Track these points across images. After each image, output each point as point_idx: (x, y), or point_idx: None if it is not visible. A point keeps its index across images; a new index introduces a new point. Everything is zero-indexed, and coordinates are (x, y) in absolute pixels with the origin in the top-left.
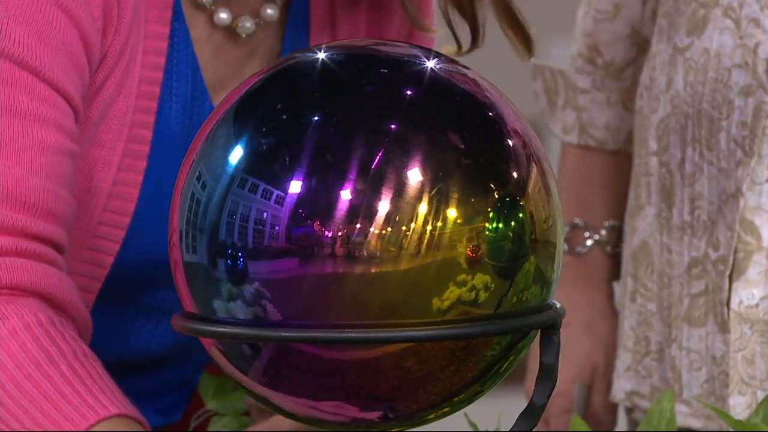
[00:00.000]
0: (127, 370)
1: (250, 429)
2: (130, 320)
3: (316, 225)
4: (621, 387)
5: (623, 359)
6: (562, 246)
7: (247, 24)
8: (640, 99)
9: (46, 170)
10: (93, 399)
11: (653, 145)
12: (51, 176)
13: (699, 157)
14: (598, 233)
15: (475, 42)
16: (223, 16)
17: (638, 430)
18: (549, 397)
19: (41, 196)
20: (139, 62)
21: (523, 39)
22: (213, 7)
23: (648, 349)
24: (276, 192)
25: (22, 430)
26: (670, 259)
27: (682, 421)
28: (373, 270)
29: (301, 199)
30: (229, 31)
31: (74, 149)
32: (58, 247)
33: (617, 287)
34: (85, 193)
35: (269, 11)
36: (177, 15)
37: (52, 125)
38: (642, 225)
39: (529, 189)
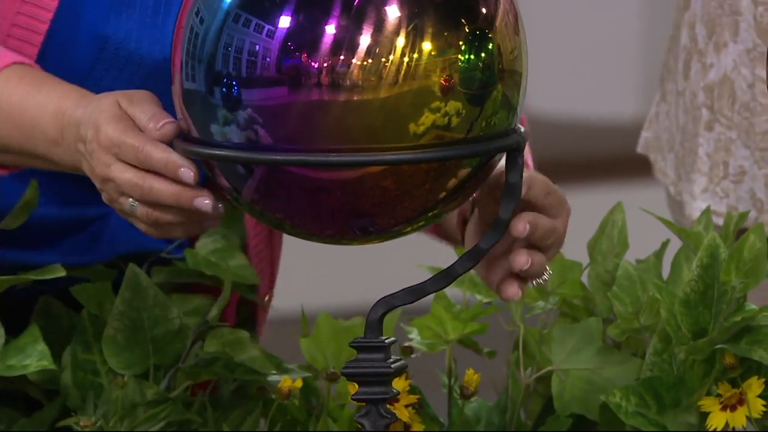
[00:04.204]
0: None
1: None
2: None
3: (304, 57)
4: (698, 207)
5: (699, 182)
6: (527, 75)
7: None
8: None
9: None
10: None
11: None
12: None
13: None
14: None
15: None
16: None
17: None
18: (513, 212)
19: None
20: None
21: None
22: None
23: (726, 173)
24: (267, 26)
25: None
26: (764, 89)
27: None
28: (355, 98)
29: (289, 33)
30: None
31: None
32: None
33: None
34: None
35: None
36: None
37: None
38: (724, 60)
39: (497, 23)
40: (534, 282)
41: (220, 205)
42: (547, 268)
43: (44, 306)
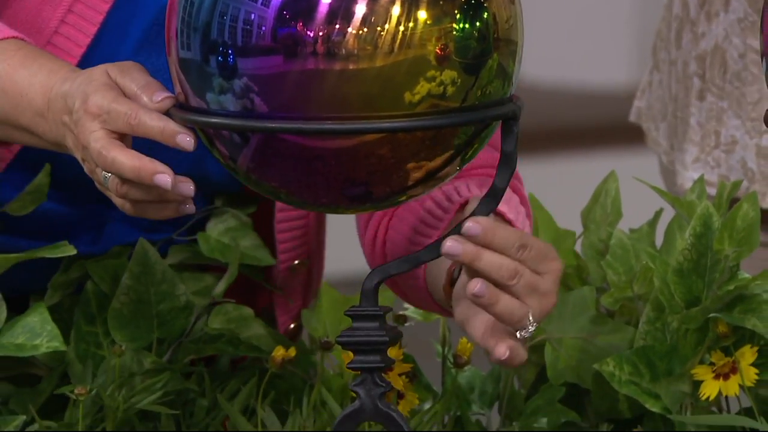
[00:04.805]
0: None
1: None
2: None
3: (299, 25)
4: (690, 177)
5: (690, 152)
6: (522, 44)
7: None
8: None
9: None
10: None
11: None
12: None
13: None
14: None
15: None
16: None
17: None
18: (509, 181)
19: None
20: None
21: None
22: None
23: (718, 142)
24: None
25: None
26: (755, 59)
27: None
28: (350, 66)
29: (285, 1)
30: None
31: None
32: None
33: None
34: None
35: None
36: None
37: None
38: (715, 30)
39: None
40: (518, 333)
41: (191, 187)
42: (531, 319)
43: None
